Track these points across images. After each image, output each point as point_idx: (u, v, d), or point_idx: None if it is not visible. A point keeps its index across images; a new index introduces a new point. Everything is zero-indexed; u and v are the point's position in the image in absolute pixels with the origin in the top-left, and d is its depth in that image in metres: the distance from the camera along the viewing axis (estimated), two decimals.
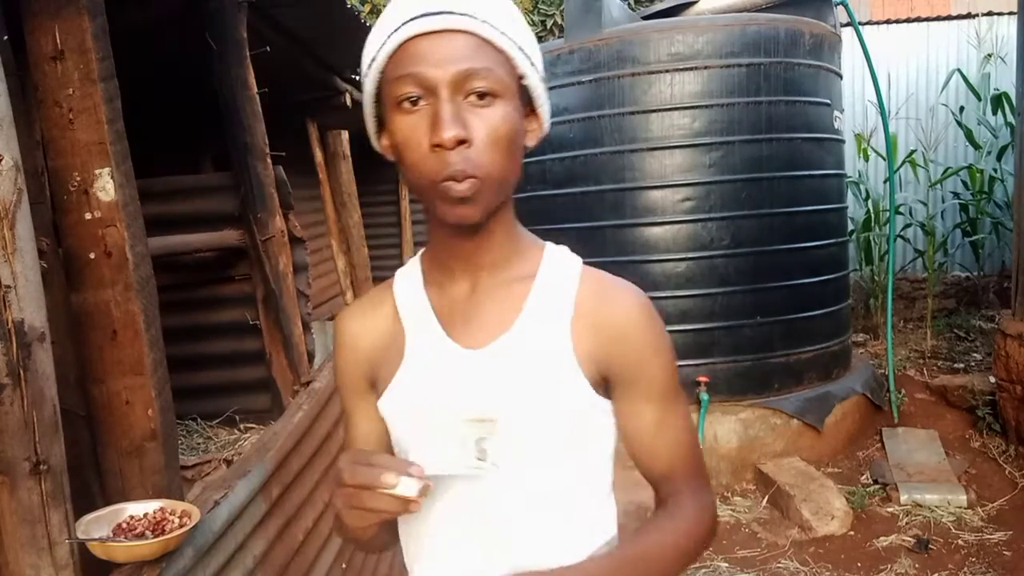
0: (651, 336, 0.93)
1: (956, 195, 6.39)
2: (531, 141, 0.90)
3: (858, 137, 6.31)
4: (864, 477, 3.92)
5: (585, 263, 0.96)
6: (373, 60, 0.84)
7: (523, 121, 0.88)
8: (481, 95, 0.81)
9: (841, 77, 4.49)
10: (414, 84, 0.81)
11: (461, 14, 0.80)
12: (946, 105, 6.56)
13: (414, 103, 0.81)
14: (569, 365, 0.89)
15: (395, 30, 0.82)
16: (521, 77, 0.85)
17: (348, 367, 1.00)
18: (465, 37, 0.81)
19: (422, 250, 1.00)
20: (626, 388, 0.92)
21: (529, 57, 0.86)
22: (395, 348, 0.95)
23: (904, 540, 3.34)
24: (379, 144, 0.91)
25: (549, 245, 0.97)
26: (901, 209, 6.02)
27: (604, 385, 0.92)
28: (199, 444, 3.61)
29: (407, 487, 0.76)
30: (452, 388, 0.90)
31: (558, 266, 0.94)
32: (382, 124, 0.89)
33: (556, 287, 0.92)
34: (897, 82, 6.83)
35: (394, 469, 0.77)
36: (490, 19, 0.82)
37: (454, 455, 0.81)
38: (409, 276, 0.98)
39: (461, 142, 0.80)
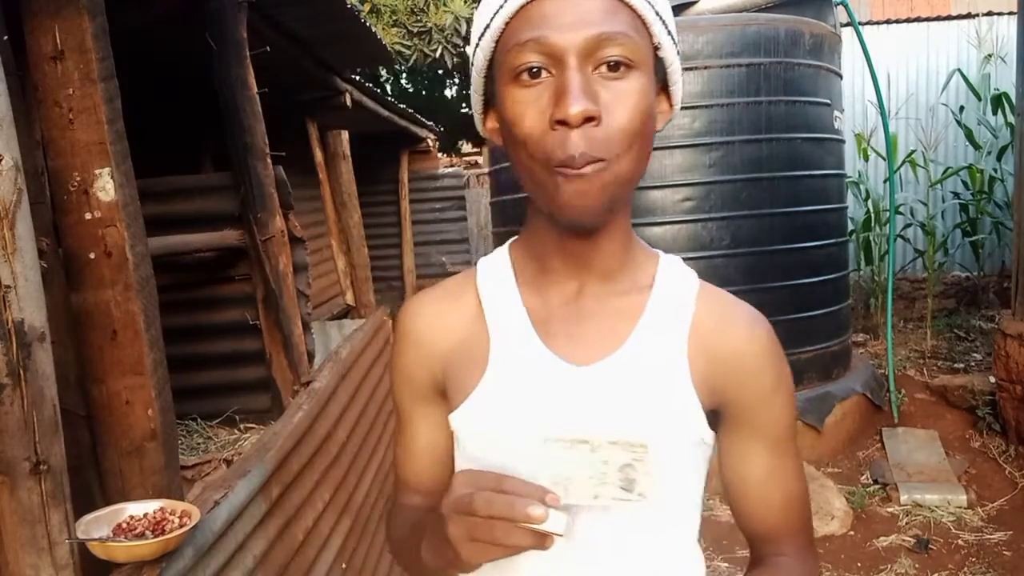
0: (775, 370, 0.81)
1: (956, 195, 6.39)
2: (660, 124, 0.77)
3: (858, 137, 6.31)
4: (864, 477, 3.92)
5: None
6: (487, 28, 0.72)
7: (655, 100, 0.75)
8: (614, 65, 0.69)
9: (841, 77, 4.49)
10: (537, 52, 0.68)
11: None
12: (946, 105, 6.56)
13: (535, 74, 0.69)
14: (687, 392, 0.78)
15: None
16: (657, 47, 0.73)
17: (414, 368, 0.86)
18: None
19: (512, 240, 0.87)
20: (739, 425, 0.81)
21: (667, 24, 0.73)
22: (477, 354, 0.81)
23: (904, 540, 3.34)
24: (483, 127, 0.80)
25: (663, 254, 0.85)
26: (901, 209, 6.02)
27: (713, 417, 0.81)
28: (199, 444, 3.61)
29: (556, 523, 0.63)
30: (553, 408, 0.77)
31: (676, 279, 0.82)
32: (488, 104, 0.77)
33: (674, 302, 0.80)
34: (897, 82, 6.83)
35: (534, 497, 0.63)
36: None
37: (595, 484, 0.66)
38: (497, 271, 0.84)
39: (589, 119, 0.67)
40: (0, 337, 1.36)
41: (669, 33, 0.74)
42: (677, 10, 4.61)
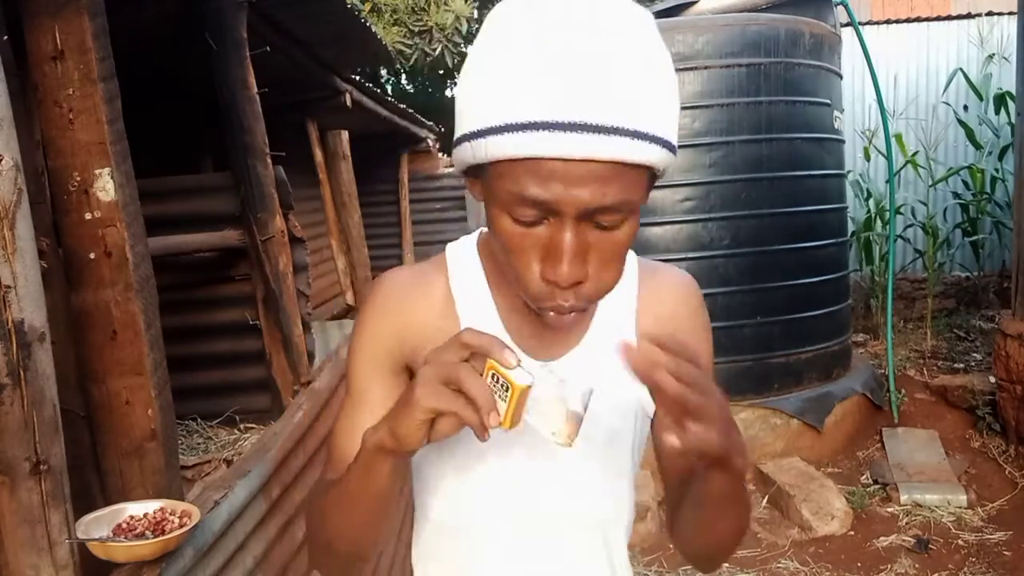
0: (704, 321, 0.92)
1: (957, 195, 6.39)
2: (645, 202, 0.78)
3: (866, 136, 6.31)
4: (864, 477, 3.92)
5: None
6: (484, 134, 0.68)
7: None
8: (609, 224, 0.70)
9: (841, 77, 4.49)
10: (537, 208, 0.68)
11: (612, 130, 0.64)
12: (948, 103, 6.56)
13: (531, 223, 0.70)
14: (638, 384, 0.85)
15: (524, 125, 0.65)
16: (657, 173, 0.72)
17: (381, 339, 0.86)
18: (609, 162, 0.66)
19: (479, 233, 0.90)
20: None
21: (674, 148, 0.71)
22: (447, 336, 0.84)
23: (904, 540, 3.34)
24: (466, 182, 0.79)
25: None
26: (902, 209, 6.02)
27: None
28: (199, 444, 3.61)
29: (521, 376, 0.67)
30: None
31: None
32: (473, 170, 0.76)
33: (621, 289, 0.85)
34: (897, 82, 6.82)
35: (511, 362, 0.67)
36: (642, 122, 0.65)
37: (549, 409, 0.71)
38: (467, 266, 0.87)
39: (577, 283, 0.71)
40: (0, 337, 1.36)
41: (673, 148, 0.71)
42: (677, 10, 4.61)
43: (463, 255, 0.88)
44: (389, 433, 0.71)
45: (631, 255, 0.88)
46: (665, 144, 0.68)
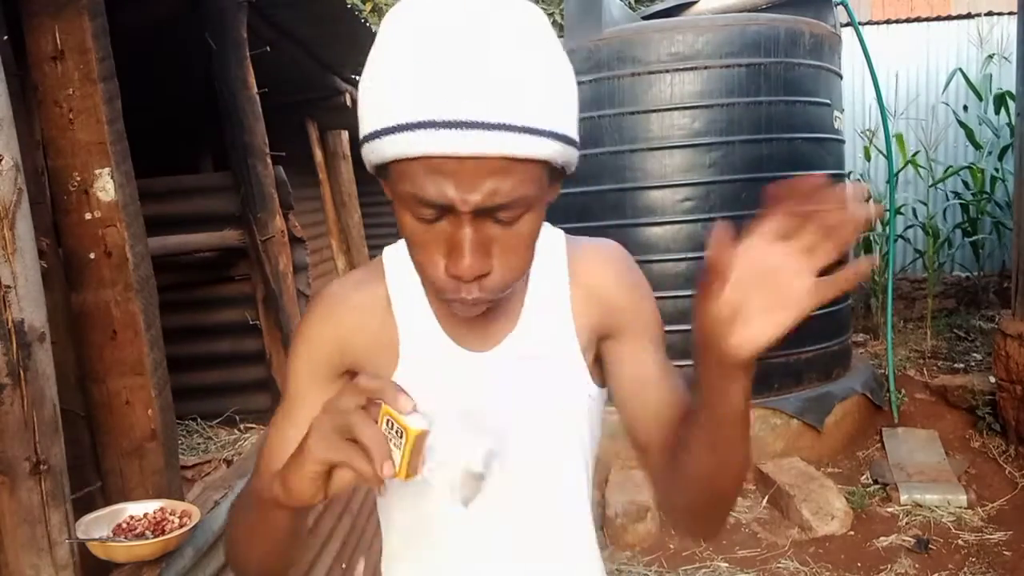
0: (634, 283, 0.90)
1: (957, 195, 6.39)
2: (552, 198, 0.78)
3: (866, 136, 6.31)
4: (864, 477, 3.92)
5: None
6: (379, 134, 0.68)
7: (549, 193, 0.75)
8: (509, 217, 0.70)
9: (841, 77, 4.49)
10: (433, 207, 0.68)
11: (497, 126, 0.64)
12: (947, 104, 6.56)
13: (430, 220, 0.70)
14: (574, 353, 0.87)
15: (411, 125, 0.65)
16: (559, 168, 0.73)
17: (322, 347, 0.88)
18: (498, 158, 0.66)
19: None
20: (625, 339, 0.89)
21: (573, 141, 0.71)
22: (387, 346, 0.87)
23: (904, 540, 3.34)
24: (381, 183, 0.79)
25: None
26: (902, 209, 6.02)
27: (598, 359, 0.90)
28: (199, 444, 3.61)
29: (416, 421, 0.65)
30: (460, 396, 0.84)
31: (548, 250, 0.90)
32: (377, 170, 0.76)
33: (551, 272, 0.89)
34: (897, 82, 6.82)
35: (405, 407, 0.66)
36: (530, 117, 0.65)
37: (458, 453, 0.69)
38: (403, 268, 0.89)
39: (481, 276, 0.71)
40: (0, 337, 1.36)
41: (573, 143, 0.71)
42: (677, 10, 4.61)
43: (399, 257, 0.89)
44: (281, 485, 0.70)
45: (558, 234, 0.92)
46: (559, 137, 0.68)
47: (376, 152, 0.70)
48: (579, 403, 0.89)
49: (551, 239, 0.91)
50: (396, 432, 0.65)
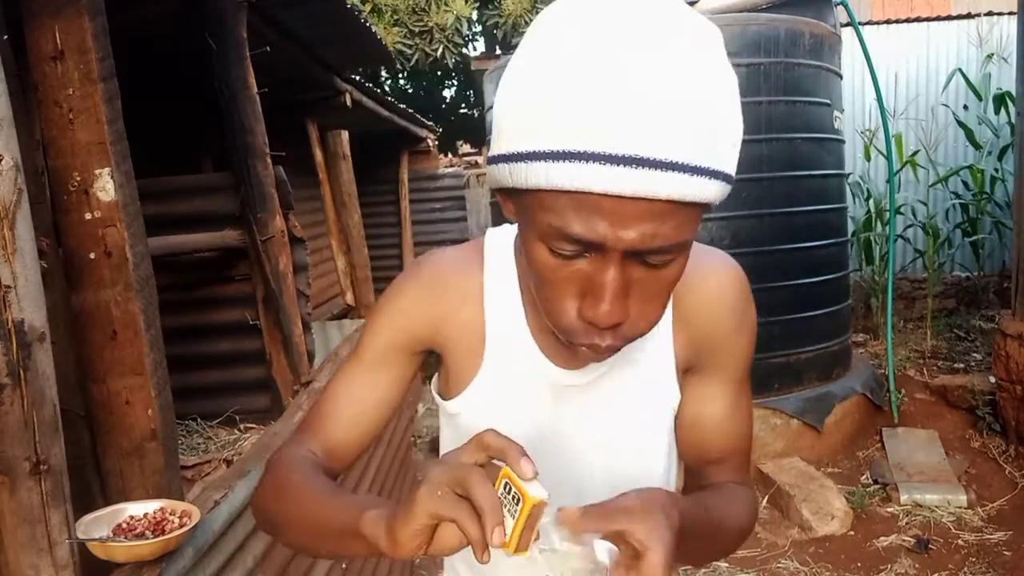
0: (741, 316, 0.83)
1: (956, 195, 6.39)
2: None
3: (866, 136, 6.31)
4: (864, 477, 3.92)
5: None
6: (525, 158, 0.60)
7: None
8: (659, 262, 0.63)
9: (841, 77, 4.49)
10: (578, 243, 0.61)
11: (667, 164, 0.56)
12: (947, 105, 6.56)
13: (571, 257, 0.63)
14: (669, 388, 0.82)
15: (569, 154, 0.57)
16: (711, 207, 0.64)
17: (412, 314, 0.82)
18: (664, 200, 0.58)
19: (518, 233, 0.80)
20: (705, 370, 0.84)
21: (732, 181, 0.63)
22: (474, 339, 0.81)
23: (904, 540, 3.34)
24: (499, 198, 0.72)
25: None
26: (902, 209, 6.02)
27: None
28: (199, 444, 3.61)
29: (537, 490, 0.59)
30: (540, 413, 0.80)
31: None
32: (507, 191, 0.68)
33: None
34: (897, 82, 6.83)
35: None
36: (702, 156, 0.58)
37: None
38: (502, 265, 0.82)
39: (617, 324, 0.64)
40: (0, 337, 1.36)
41: (730, 181, 0.63)
42: None
43: (500, 250, 0.83)
44: (387, 532, 0.64)
45: None
46: (725, 177, 0.61)
47: (518, 176, 0.62)
48: (663, 421, 0.83)
49: None
50: (513, 498, 0.60)
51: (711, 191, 0.60)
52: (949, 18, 6.90)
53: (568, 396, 0.80)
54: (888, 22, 6.99)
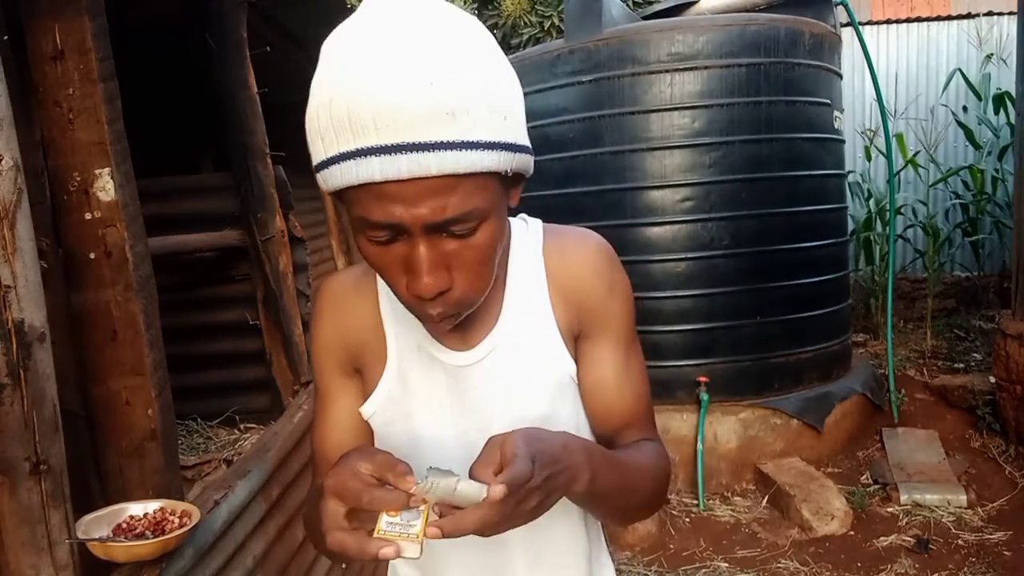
0: (610, 279, 0.90)
1: (956, 195, 6.39)
2: (514, 202, 0.79)
3: (866, 136, 6.31)
4: (864, 477, 3.92)
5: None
6: (326, 164, 0.69)
7: (507, 207, 0.77)
8: (463, 230, 0.71)
9: (841, 77, 4.49)
10: (386, 229, 0.70)
11: (432, 145, 0.65)
12: (946, 105, 6.56)
13: (386, 242, 0.72)
14: (556, 343, 0.88)
15: (349, 154, 0.66)
16: (509, 174, 0.72)
17: (335, 341, 0.92)
18: (440, 176, 0.66)
19: None
20: (591, 335, 0.90)
21: (521, 147, 0.72)
22: (377, 346, 0.90)
23: (904, 540, 3.34)
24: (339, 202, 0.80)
25: (511, 221, 0.91)
26: (902, 209, 6.02)
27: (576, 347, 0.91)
28: (199, 444, 3.61)
29: (410, 550, 0.67)
30: (445, 396, 0.87)
31: (525, 243, 0.90)
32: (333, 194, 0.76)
33: (529, 264, 0.89)
34: (897, 82, 6.83)
35: (397, 504, 0.68)
36: (466, 131, 0.66)
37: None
38: None
39: (442, 292, 0.72)
40: (0, 337, 1.36)
41: (521, 148, 0.72)
42: (677, 10, 4.61)
43: None
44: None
45: (536, 224, 0.92)
46: (502, 147, 0.69)
47: (326, 182, 0.71)
48: (565, 390, 0.89)
49: (529, 234, 0.91)
50: (415, 514, 0.69)
51: (485, 161, 0.67)
52: (949, 18, 6.90)
53: (466, 376, 0.87)
54: (888, 22, 6.99)
